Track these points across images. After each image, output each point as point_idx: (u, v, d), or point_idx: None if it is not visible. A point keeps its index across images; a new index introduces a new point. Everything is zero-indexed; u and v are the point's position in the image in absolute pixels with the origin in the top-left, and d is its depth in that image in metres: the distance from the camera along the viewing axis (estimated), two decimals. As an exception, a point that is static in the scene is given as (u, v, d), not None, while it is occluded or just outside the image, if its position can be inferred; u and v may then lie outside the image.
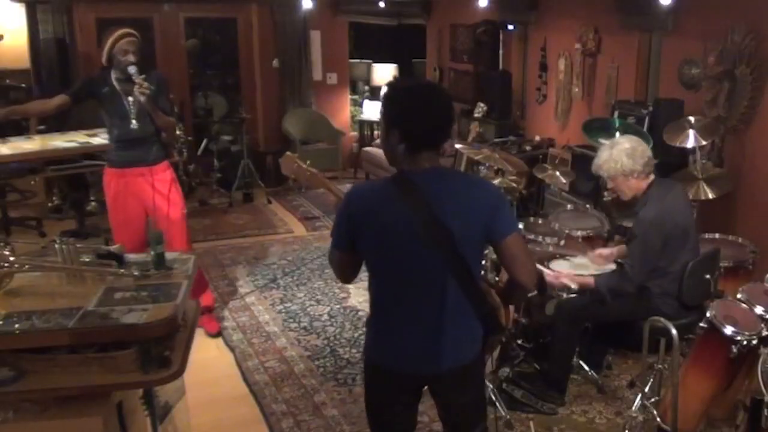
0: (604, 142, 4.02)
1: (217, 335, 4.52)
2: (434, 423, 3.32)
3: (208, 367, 4.10)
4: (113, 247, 2.70)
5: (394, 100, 2.15)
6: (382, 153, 2.24)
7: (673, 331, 2.89)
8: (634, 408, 3.33)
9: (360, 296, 5.00)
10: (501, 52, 7.63)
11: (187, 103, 8.04)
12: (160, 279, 2.54)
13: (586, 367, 3.81)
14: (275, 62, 8.26)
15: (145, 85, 3.87)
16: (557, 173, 4.75)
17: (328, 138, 8.42)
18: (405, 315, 2.18)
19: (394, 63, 9.56)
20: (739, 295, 3.10)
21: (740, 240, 4.16)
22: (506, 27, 7.32)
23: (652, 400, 3.24)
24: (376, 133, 8.89)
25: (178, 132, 6.40)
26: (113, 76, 4.03)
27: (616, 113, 5.23)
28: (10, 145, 4.84)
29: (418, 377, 2.28)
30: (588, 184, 5.26)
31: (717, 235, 4.23)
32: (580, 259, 3.84)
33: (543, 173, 4.82)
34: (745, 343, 2.86)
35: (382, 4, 8.31)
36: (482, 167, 5.06)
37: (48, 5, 7.07)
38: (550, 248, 4.12)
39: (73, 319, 2.22)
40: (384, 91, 2.20)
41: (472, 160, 5.31)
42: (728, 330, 2.89)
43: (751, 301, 3.04)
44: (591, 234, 4.28)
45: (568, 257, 3.91)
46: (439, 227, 2.07)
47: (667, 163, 4.51)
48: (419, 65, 9.58)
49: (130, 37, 3.97)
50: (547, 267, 3.69)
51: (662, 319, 2.96)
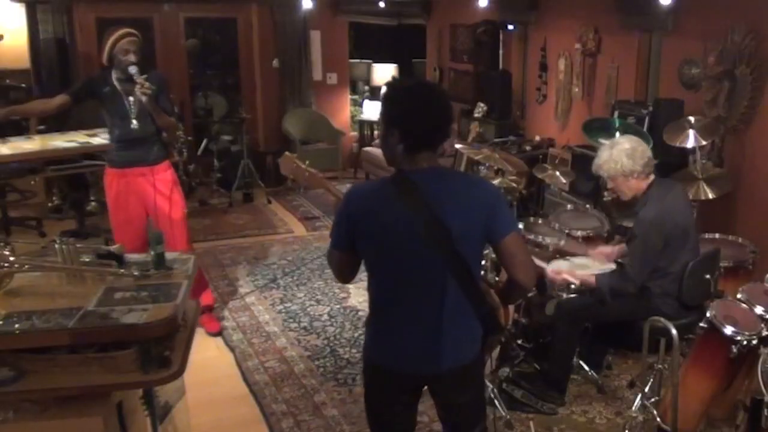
0: (604, 142, 4.02)
1: (217, 334, 4.53)
2: (434, 423, 3.32)
3: (208, 367, 4.10)
4: (113, 247, 2.70)
5: (394, 100, 2.15)
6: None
7: (673, 331, 2.89)
8: (634, 408, 3.34)
9: (360, 296, 5.00)
10: (501, 52, 7.62)
11: (187, 103, 8.03)
12: (160, 279, 2.54)
13: (586, 367, 3.81)
14: (275, 62, 8.26)
15: (147, 85, 3.87)
16: (557, 173, 4.74)
17: (328, 138, 8.41)
18: (404, 315, 2.18)
19: (394, 63, 9.56)
20: (739, 295, 3.10)
21: (740, 240, 4.16)
22: (506, 27, 7.32)
23: (652, 400, 3.24)
24: (376, 133, 8.88)
25: (178, 132, 6.41)
26: (114, 76, 4.04)
27: (616, 113, 5.23)
28: (10, 145, 4.83)
29: (418, 377, 2.27)
30: (588, 184, 5.26)
31: (717, 235, 4.22)
32: (580, 259, 3.84)
33: (543, 173, 4.81)
34: (745, 343, 2.87)
35: (382, 4, 8.31)
36: (482, 167, 5.06)
37: (48, 5, 7.07)
38: (551, 248, 4.12)
39: (73, 319, 2.22)
40: (383, 91, 2.20)
41: (472, 160, 5.31)
42: (728, 330, 2.89)
43: (751, 301, 3.04)
44: (591, 234, 4.28)
45: (568, 257, 3.90)
46: (439, 227, 2.07)
47: (667, 163, 4.51)
48: (419, 65, 9.57)
49: (131, 37, 3.97)
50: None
51: (662, 319, 2.96)
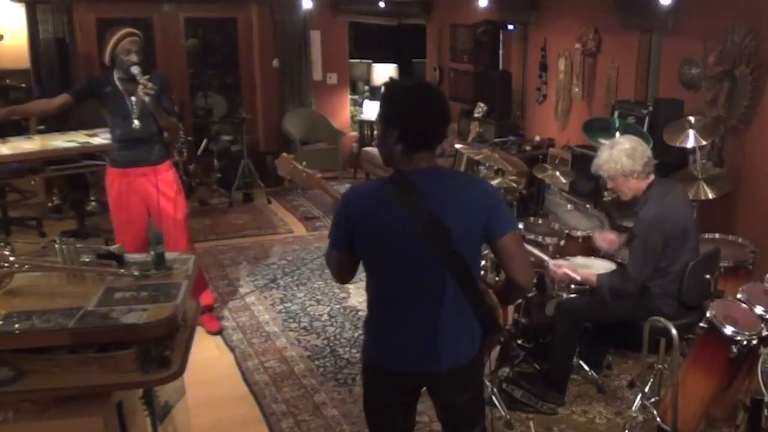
0: (604, 142, 4.02)
1: (217, 333, 4.53)
2: (434, 423, 3.32)
3: (208, 367, 4.10)
4: (113, 247, 2.70)
5: (393, 100, 2.15)
6: (381, 153, 2.24)
7: (673, 331, 2.89)
8: (634, 408, 3.34)
9: (360, 296, 5.00)
10: (501, 52, 7.62)
11: (187, 103, 8.03)
12: (160, 279, 2.54)
13: (586, 367, 3.81)
14: (275, 62, 8.25)
15: (150, 86, 3.87)
16: (557, 173, 4.74)
17: (328, 138, 8.41)
18: (403, 315, 2.18)
19: (394, 63, 9.56)
20: (739, 295, 3.10)
21: (740, 240, 4.16)
22: (506, 27, 7.32)
23: (652, 400, 3.24)
24: (376, 133, 8.85)
25: (179, 132, 6.41)
26: (116, 76, 4.04)
27: (616, 113, 5.23)
28: (10, 145, 4.83)
29: (417, 377, 2.27)
30: (588, 184, 5.26)
31: (717, 235, 4.23)
32: (580, 260, 3.84)
33: (543, 173, 4.81)
34: (745, 343, 2.86)
35: (382, 4, 8.31)
36: (482, 167, 5.06)
37: (48, 5, 7.07)
38: (550, 248, 4.12)
39: (73, 319, 2.22)
40: (382, 92, 2.20)
41: (472, 160, 5.30)
42: (728, 330, 2.89)
43: (751, 301, 3.04)
44: (591, 234, 4.27)
45: (568, 257, 3.91)
46: (438, 227, 2.07)
47: (667, 163, 4.50)
48: (419, 65, 9.58)
49: (132, 37, 3.97)
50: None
51: (662, 319, 2.96)
